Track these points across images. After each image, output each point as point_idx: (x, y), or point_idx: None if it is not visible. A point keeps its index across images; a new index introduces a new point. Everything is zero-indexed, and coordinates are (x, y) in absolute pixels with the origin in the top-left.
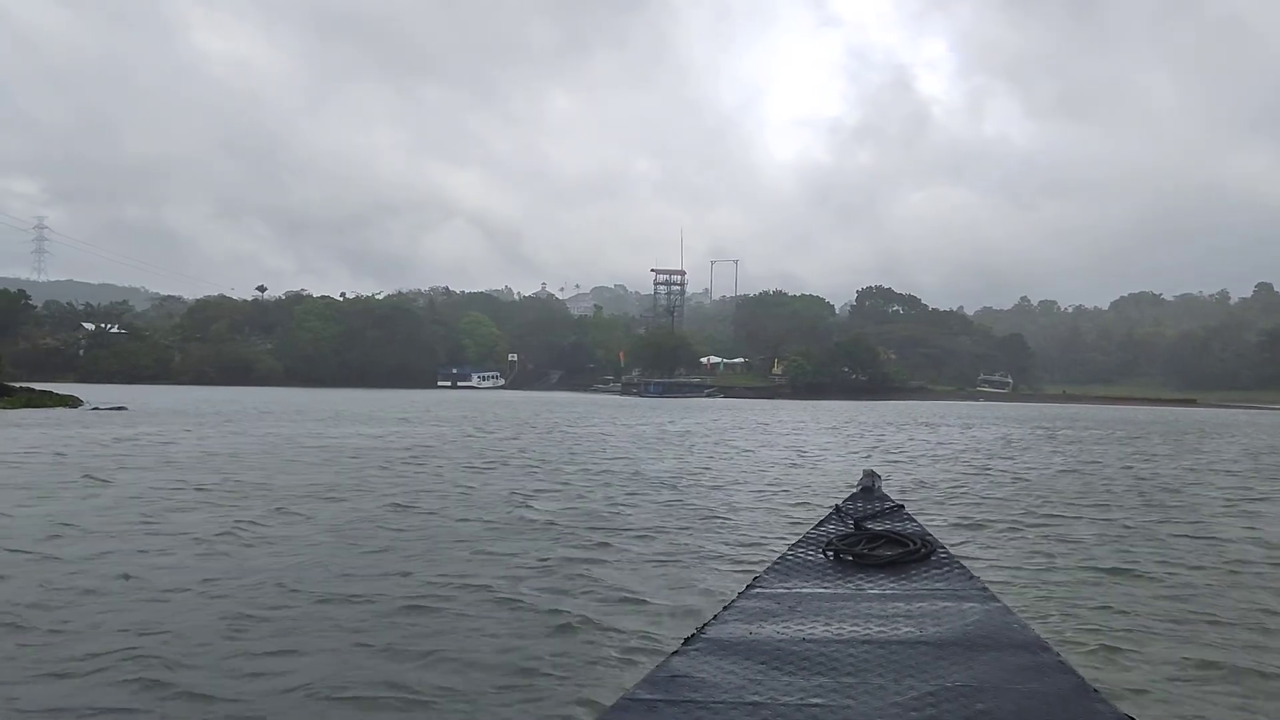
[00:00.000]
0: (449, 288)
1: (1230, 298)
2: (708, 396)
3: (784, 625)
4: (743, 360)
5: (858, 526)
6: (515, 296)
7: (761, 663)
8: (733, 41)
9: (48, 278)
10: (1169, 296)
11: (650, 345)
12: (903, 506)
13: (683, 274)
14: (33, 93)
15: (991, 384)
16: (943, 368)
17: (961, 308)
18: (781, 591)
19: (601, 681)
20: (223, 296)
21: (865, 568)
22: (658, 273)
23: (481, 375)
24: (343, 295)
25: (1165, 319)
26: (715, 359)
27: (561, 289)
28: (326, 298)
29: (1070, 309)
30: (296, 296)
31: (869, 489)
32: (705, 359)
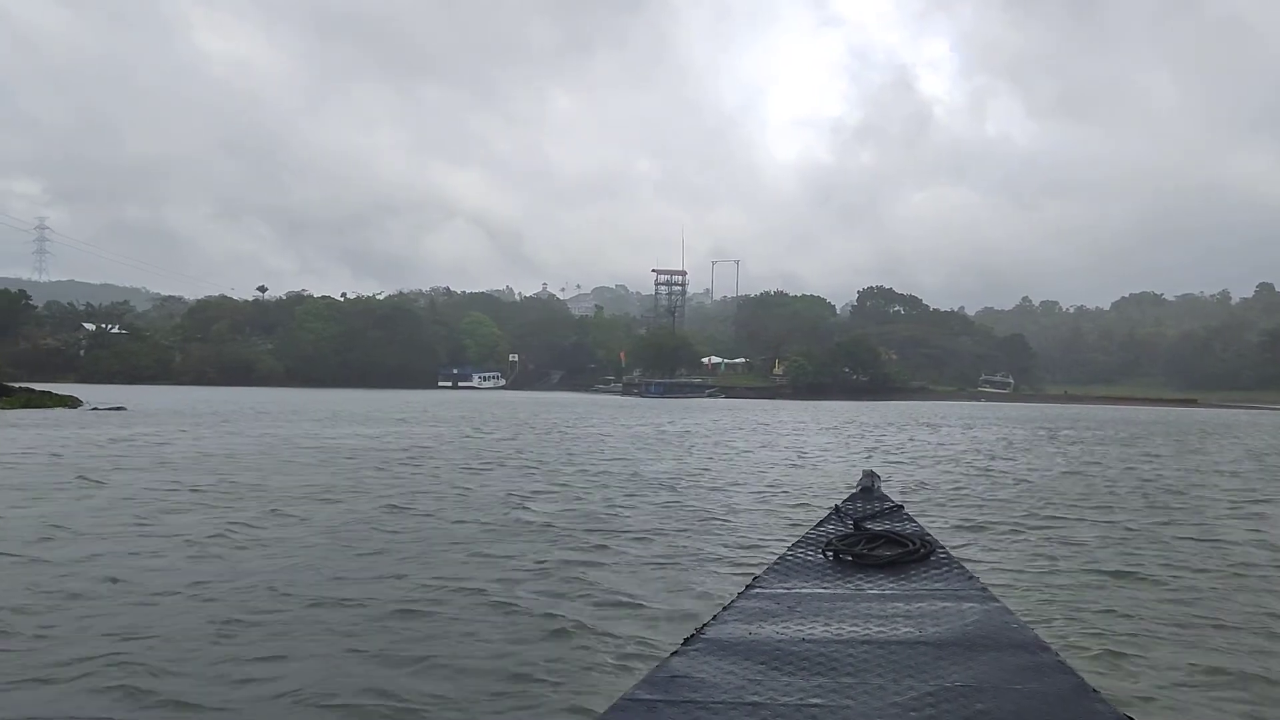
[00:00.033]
0: (450, 288)
1: (1231, 298)
2: (709, 397)
3: (783, 625)
4: (744, 360)
5: (857, 527)
6: (516, 297)
7: (761, 663)
8: (733, 41)
9: (49, 278)
10: (1170, 296)
11: (651, 345)
12: (902, 507)
13: (684, 274)
14: (34, 93)
15: (993, 384)
16: (944, 368)
17: (963, 308)
18: (781, 592)
19: (596, 688)
20: (223, 297)
21: (865, 568)
22: (659, 273)
23: (482, 375)
24: (343, 295)
25: (1166, 319)
26: (716, 359)
27: (562, 289)
28: (327, 298)
29: (1072, 309)
30: (297, 297)
31: (868, 489)
32: (706, 359)
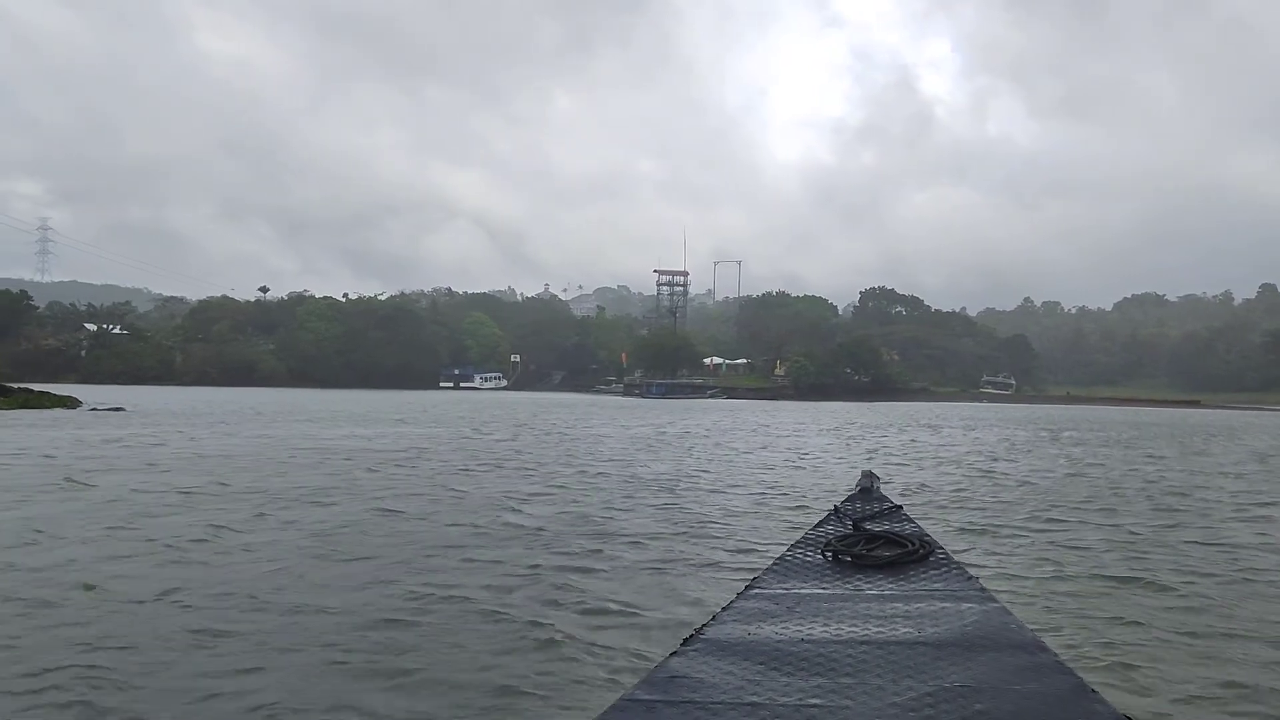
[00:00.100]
0: (451, 288)
1: (1234, 299)
2: (710, 397)
3: (782, 626)
4: (745, 361)
5: (856, 527)
6: (518, 297)
7: (760, 663)
8: (736, 41)
9: (51, 279)
10: (1173, 297)
11: (653, 346)
12: (901, 508)
13: (685, 274)
14: (35, 94)
15: (995, 385)
16: (946, 369)
17: (964, 309)
18: (780, 592)
19: (585, 703)
20: (225, 297)
21: (864, 568)
22: (660, 273)
23: (484, 376)
24: (345, 296)
25: (1169, 320)
26: (718, 360)
27: (564, 290)
28: (329, 298)
29: (1074, 310)
30: (299, 297)
31: (867, 490)
32: (708, 360)
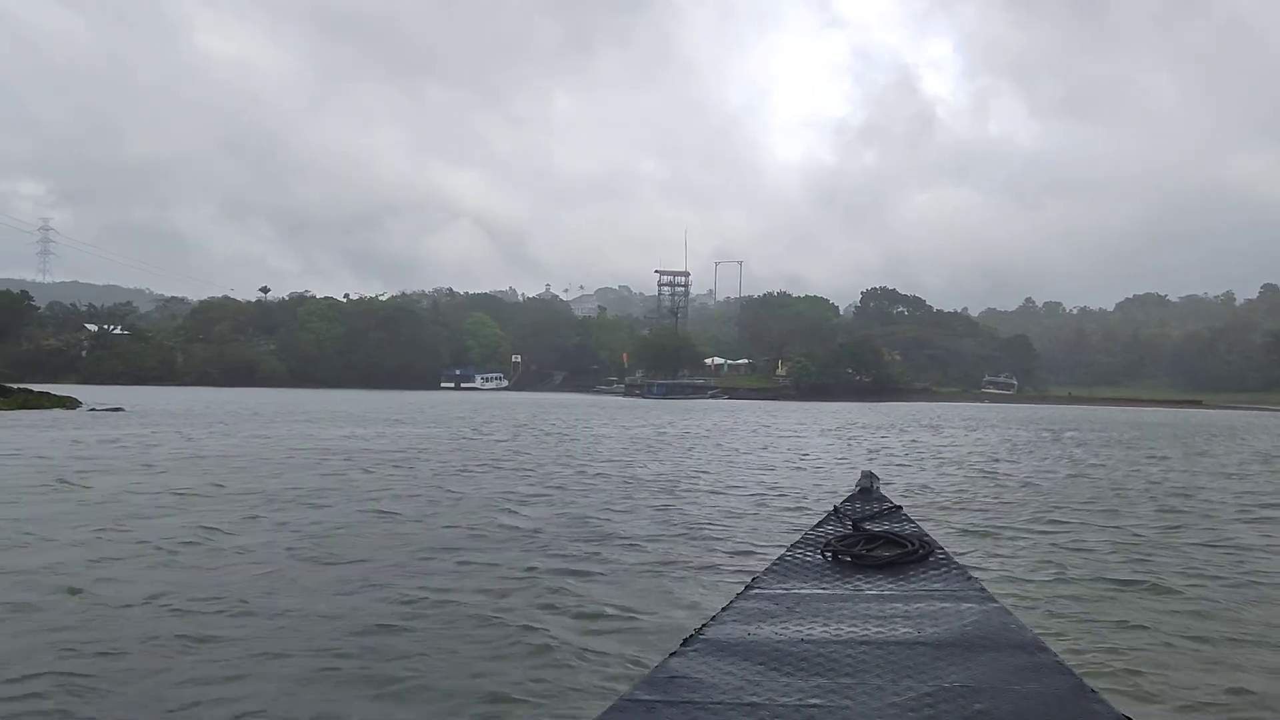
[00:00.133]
0: (453, 289)
1: (1236, 299)
2: (711, 398)
3: (782, 626)
4: (747, 361)
5: (856, 527)
6: (519, 297)
7: (760, 664)
8: (737, 42)
9: (53, 279)
10: (1174, 298)
11: (654, 346)
12: (900, 508)
13: (687, 275)
14: (37, 94)
15: (996, 385)
16: (947, 369)
17: (966, 309)
18: (780, 592)
19: (579, 711)
20: (226, 297)
21: (863, 568)
22: (662, 273)
23: (485, 376)
24: (346, 296)
25: (1171, 320)
26: (719, 360)
27: (565, 290)
28: (330, 299)
29: (1075, 310)
30: (300, 297)
31: (867, 490)
32: (709, 360)
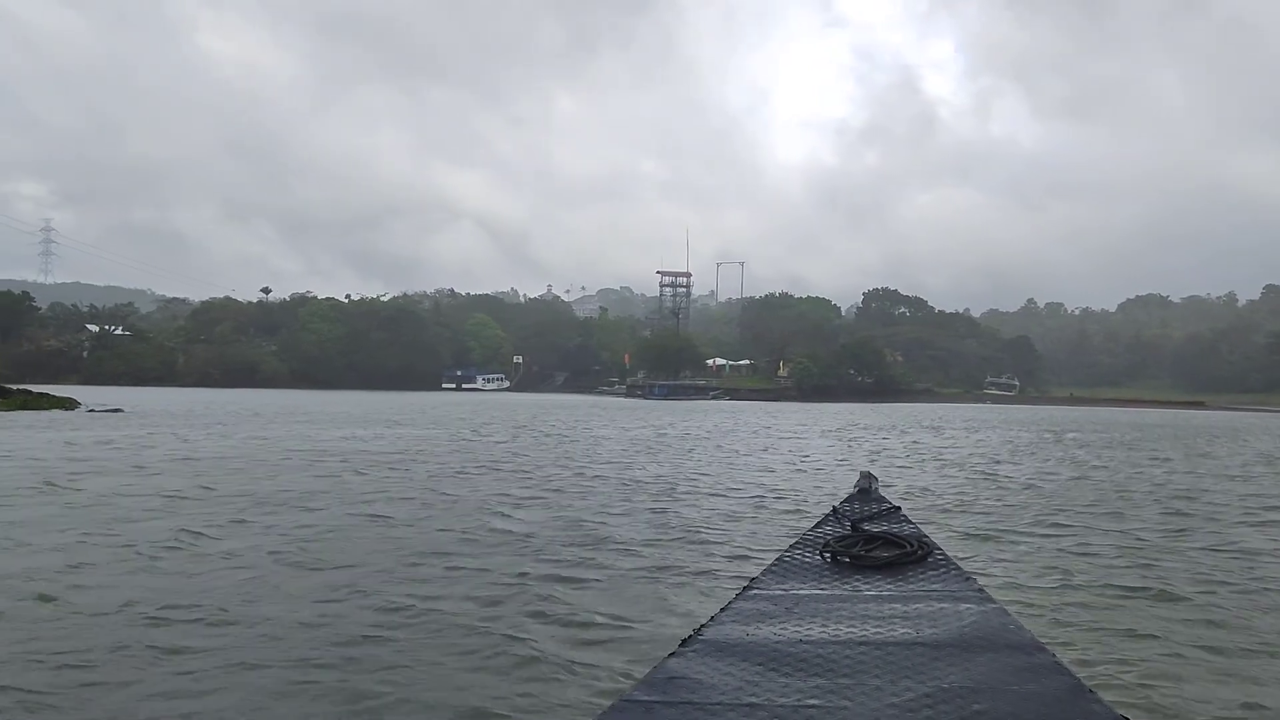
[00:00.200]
0: (454, 289)
1: (1238, 300)
2: (713, 399)
3: (781, 626)
4: (748, 362)
5: (854, 528)
6: (521, 298)
7: (758, 664)
8: (739, 42)
9: (55, 280)
10: (1176, 299)
11: (655, 347)
12: (899, 508)
13: (688, 275)
14: (39, 95)
15: (998, 386)
16: (949, 370)
17: (968, 310)
18: (778, 593)
19: None
20: (227, 298)
21: (862, 569)
22: (663, 274)
23: (486, 377)
24: (348, 297)
25: (1173, 321)
26: (721, 361)
27: (567, 291)
28: (331, 299)
29: (1077, 311)
30: (301, 298)
31: (866, 490)
32: (711, 361)
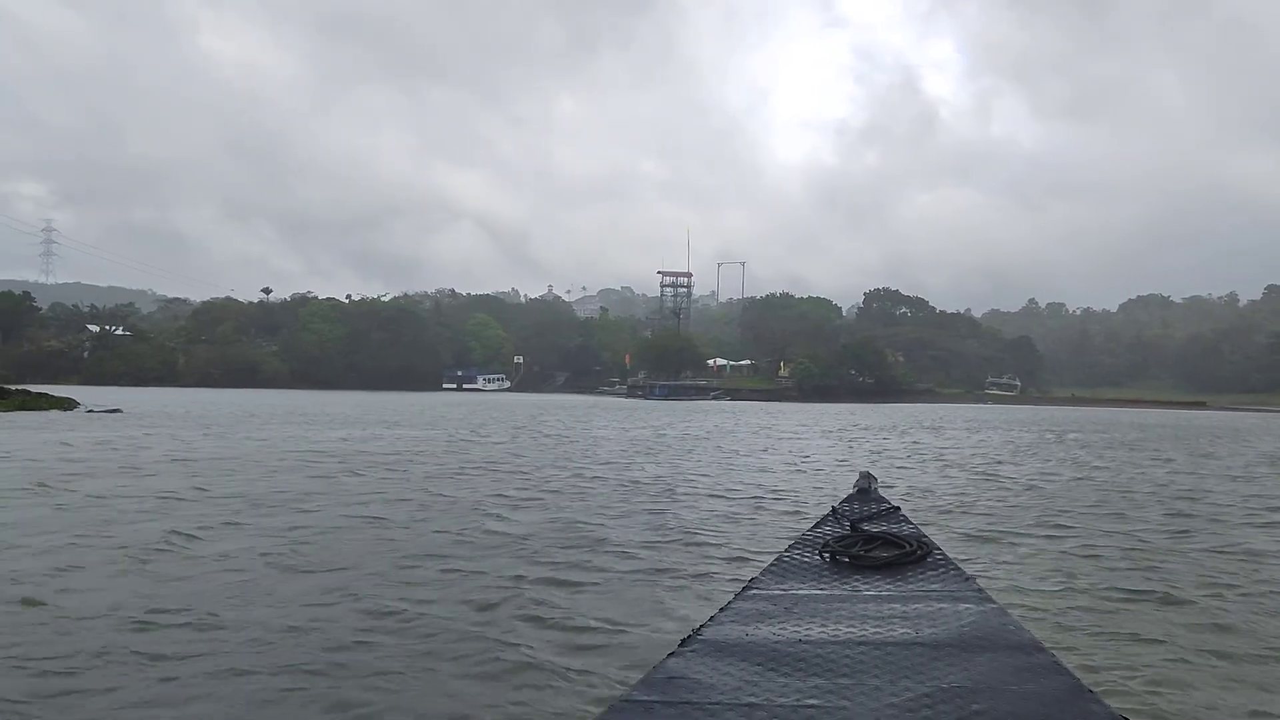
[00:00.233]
0: (455, 290)
1: (1239, 300)
2: (714, 399)
3: (780, 626)
4: (749, 362)
5: (854, 528)
6: (521, 299)
7: (758, 664)
8: (739, 42)
9: (56, 280)
10: (1177, 299)
11: (656, 347)
12: (899, 508)
13: (689, 276)
14: (40, 95)
15: (1000, 386)
16: (950, 370)
17: (969, 310)
18: (778, 593)
19: None
20: (228, 298)
21: (861, 569)
22: (664, 274)
23: (487, 377)
24: (348, 297)
25: (1174, 321)
26: (722, 361)
27: (568, 291)
28: (332, 299)
29: (1078, 311)
30: (302, 298)
31: (865, 491)
32: (712, 361)
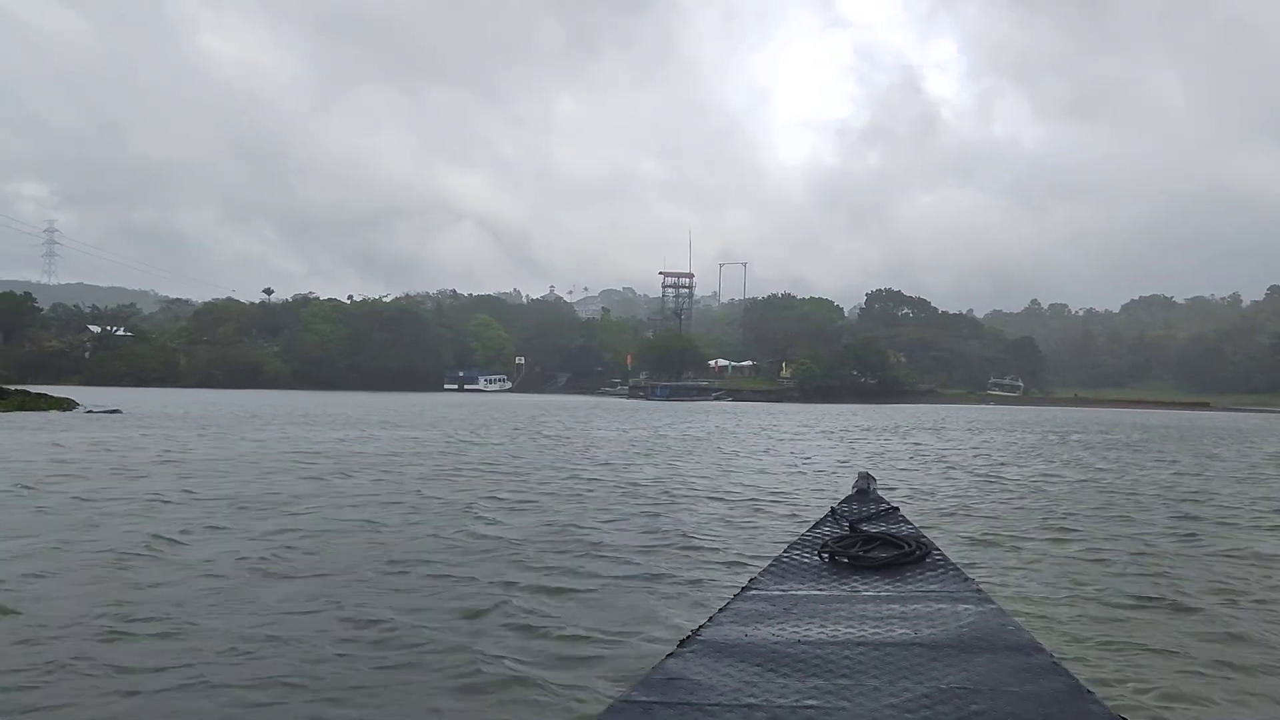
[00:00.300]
0: (456, 290)
1: (1242, 300)
2: (715, 400)
3: (779, 627)
4: (751, 363)
5: (853, 528)
6: (523, 299)
7: (757, 665)
8: (740, 42)
9: (58, 281)
10: (1180, 299)
11: (658, 348)
12: (898, 509)
13: (691, 276)
14: (41, 96)
15: (1002, 387)
16: (953, 371)
17: (971, 310)
18: (777, 593)
19: None
20: (229, 299)
21: (860, 569)
22: (666, 275)
23: (488, 378)
24: (350, 298)
25: (1176, 322)
26: (723, 362)
27: (569, 292)
28: (333, 300)
29: (1081, 312)
30: (303, 299)
31: (864, 491)
32: (713, 362)
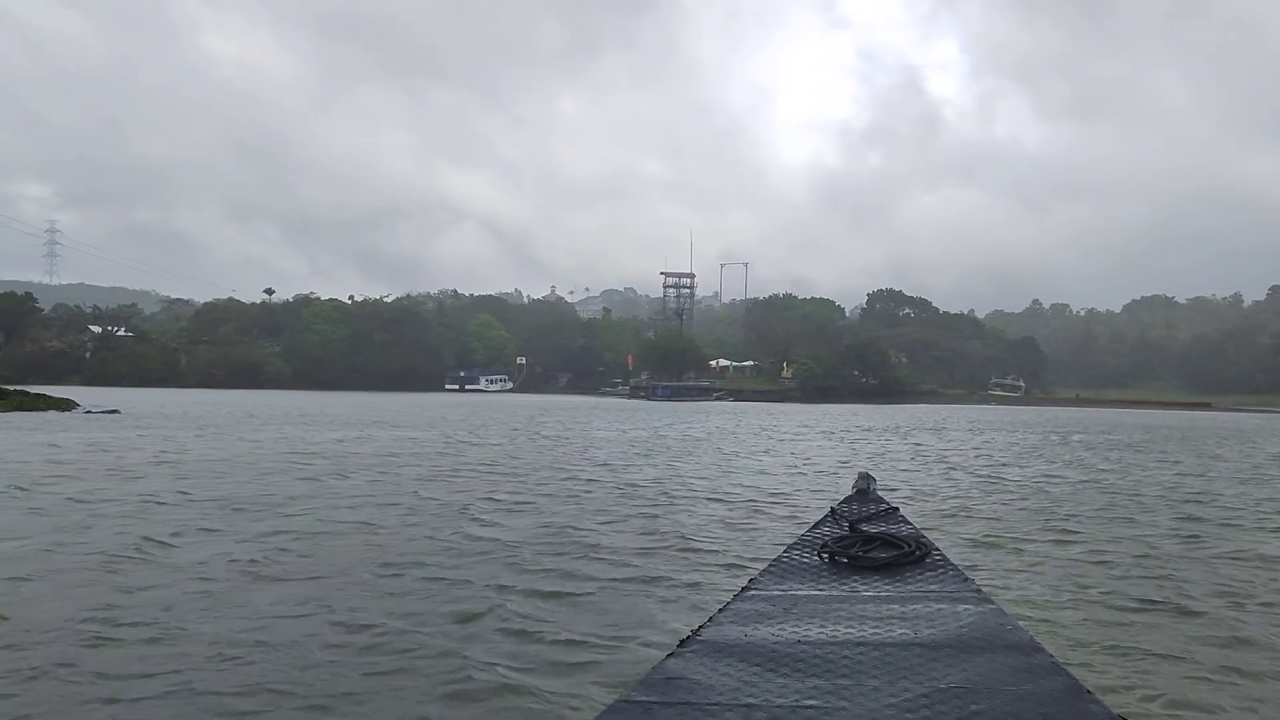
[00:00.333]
0: (458, 290)
1: (1244, 301)
2: (716, 400)
3: (779, 627)
4: (752, 363)
5: (853, 528)
6: (524, 299)
7: (756, 665)
8: (742, 43)
9: (60, 281)
10: (1182, 299)
11: (659, 348)
12: (898, 509)
13: (692, 277)
14: (43, 96)
15: (1004, 387)
16: (954, 371)
17: (973, 311)
18: (776, 594)
19: None
20: (231, 299)
21: (860, 570)
22: (667, 275)
23: (489, 378)
24: (351, 298)
25: (1178, 322)
26: (724, 362)
27: (571, 292)
28: (335, 300)
29: (1082, 312)
30: (305, 299)
31: (864, 491)
32: (714, 362)
